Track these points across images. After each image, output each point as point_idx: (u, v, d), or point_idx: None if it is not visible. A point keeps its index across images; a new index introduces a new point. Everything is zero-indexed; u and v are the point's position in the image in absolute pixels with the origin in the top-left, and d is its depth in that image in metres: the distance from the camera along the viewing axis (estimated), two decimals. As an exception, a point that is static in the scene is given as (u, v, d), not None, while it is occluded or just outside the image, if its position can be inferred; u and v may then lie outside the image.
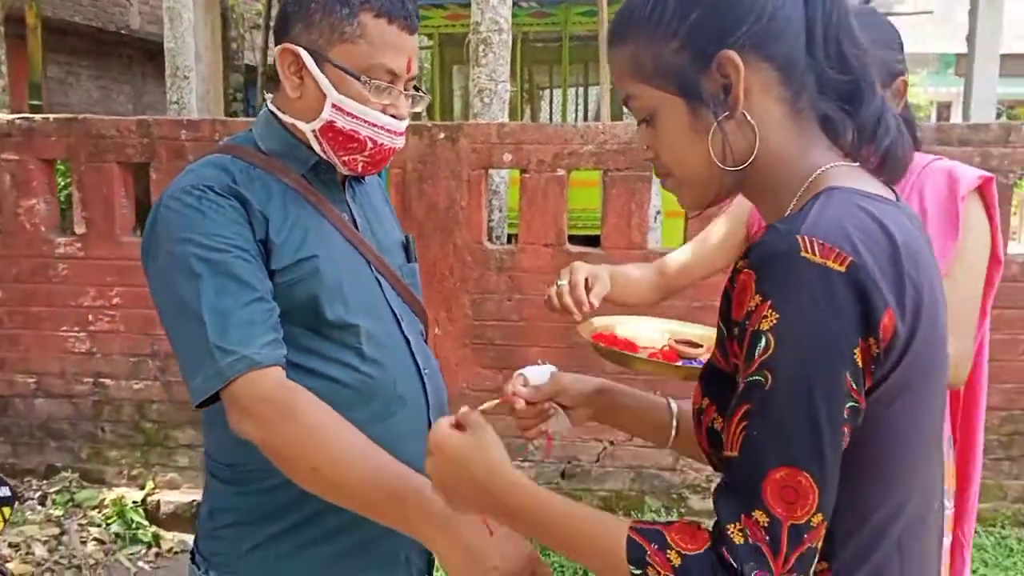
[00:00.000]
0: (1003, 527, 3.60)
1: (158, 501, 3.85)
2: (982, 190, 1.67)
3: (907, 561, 0.89)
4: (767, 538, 0.79)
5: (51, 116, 3.92)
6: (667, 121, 0.94)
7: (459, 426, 0.99)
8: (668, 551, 0.83)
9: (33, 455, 4.02)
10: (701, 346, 1.61)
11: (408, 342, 1.44)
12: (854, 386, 0.80)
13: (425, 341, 1.54)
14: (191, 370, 1.21)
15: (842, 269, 0.79)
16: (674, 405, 1.22)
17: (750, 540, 0.80)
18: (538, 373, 1.24)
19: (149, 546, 3.68)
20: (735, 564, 0.79)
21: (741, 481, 0.82)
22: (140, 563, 3.57)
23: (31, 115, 4.06)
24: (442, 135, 3.61)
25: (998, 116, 6.69)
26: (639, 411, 1.24)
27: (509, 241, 3.86)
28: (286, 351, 1.23)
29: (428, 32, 7.64)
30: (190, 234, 1.23)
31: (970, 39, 5.64)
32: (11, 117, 3.91)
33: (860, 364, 0.80)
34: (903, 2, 9.28)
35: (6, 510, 2.16)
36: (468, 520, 1.05)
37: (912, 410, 0.87)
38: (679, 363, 1.57)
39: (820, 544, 0.81)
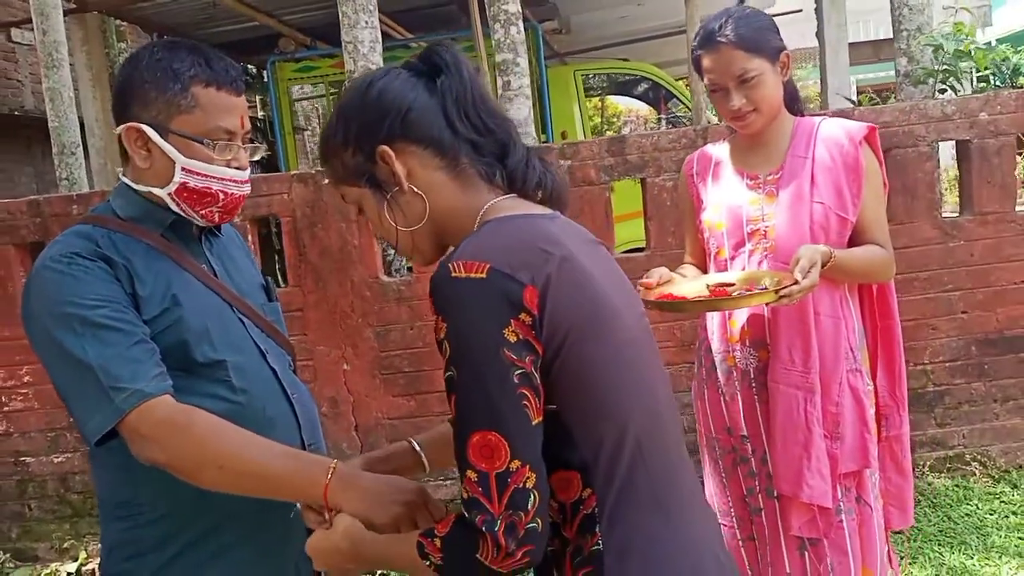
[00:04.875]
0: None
1: (92, 569, 3.85)
2: (868, 138, 2.10)
3: (650, 462, 1.14)
4: (480, 488, 1.04)
5: (-58, 206, 3.94)
6: (368, 207, 1.25)
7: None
8: (434, 539, 1.09)
9: (-40, 542, 3.99)
10: (734, 283, 2.01)
11: (275, 372, 1.59)
12: (515, 356, 1.05)
13: (293, 370, 1.70)
14: (86, 414, 1.35)
15: (483, 276, 1.05)
16: (415, 441, 1.48)
17: (470, 494, 1.05)
18: None
19: (88, 614, 3.69)
20: (467, 516, 1.05)
21: (457, 453, 1.07)
22: (80, 632, 3.60)
23: (-78, 207, 4.07)
24: (327, 180, 3.76)
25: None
26: (394, 458, 1.48)
27: (410, 272, 4.01)
28: (171, 383, 1.38)
29: (317, 80, 7.77)
30: (67, 296, 1.37)
31: (819, 35, 6.06)
32: (-99, 211, 3.91)
33: (518, 338, 1.05)
34: (774, 4, 9.87)
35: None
36: (366, 475, 1.30)
37: (604, 351, 1.11)
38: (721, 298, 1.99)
39: (529, 485, 1.04)
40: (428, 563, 1.09)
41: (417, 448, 1.47)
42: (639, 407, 1.15)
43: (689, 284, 2.09)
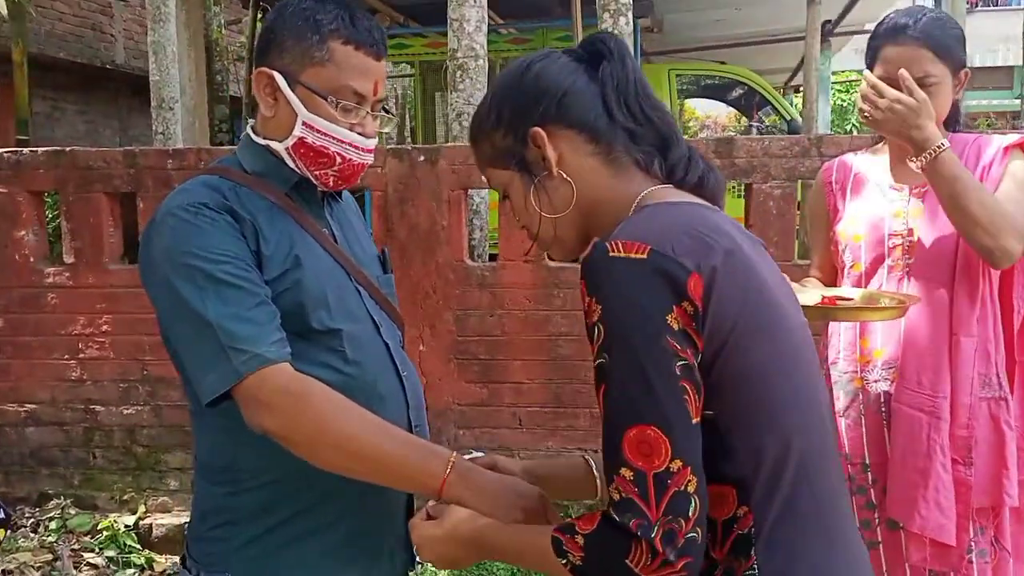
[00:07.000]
0: None
1: (150, 525, 3.88)
2: (1022, 145, 1.95)
3: (815, 483, 1.05)
4: (636, 489, 0.95)
5: (39, 149, 3.98)
6: (513, 191, 1.20)
7: (430, 516, 1.22)
8: (576, 536, 1.00)
9: (25, 483, 4.05)
10: (852, 299, 1.95)
11: (387, 346, 1.52)
12: (677, 346, 0.96)
13: (403, 347, 1.62)
14: (202, 371, 1.28)
15: (644, 256, 0.98)
16: (591, 459, 1.36)
17: (624, 495, 0.96)
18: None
19: (142, 569, 3.70)
20: (618, 519, 0.95)
21: (608, 449, 0.98)
22: (134, 586, 3.60)
23: (19, 148, 4.12)
24: (422, 158, 3.70)
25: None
26: (562, 477, 1.38)
27: (492, 259, 3.94)
28: (290, 350, 1.31)
29: (409, 60, 7.76)
30: (191, 247, 1.31)
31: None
32: (-1, 151, 3.98)
33: (680, 326, 0.97)
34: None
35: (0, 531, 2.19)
36: (485, 473, 1.25)
37: (771, 355, 1.03)
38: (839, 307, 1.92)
39: (691, 489, 0.95)
40: (564, 561, 1.01)
41: (594, 468, 1.33)
42: (806, 420, 1.06)
43: (805, 294, 1.97)
